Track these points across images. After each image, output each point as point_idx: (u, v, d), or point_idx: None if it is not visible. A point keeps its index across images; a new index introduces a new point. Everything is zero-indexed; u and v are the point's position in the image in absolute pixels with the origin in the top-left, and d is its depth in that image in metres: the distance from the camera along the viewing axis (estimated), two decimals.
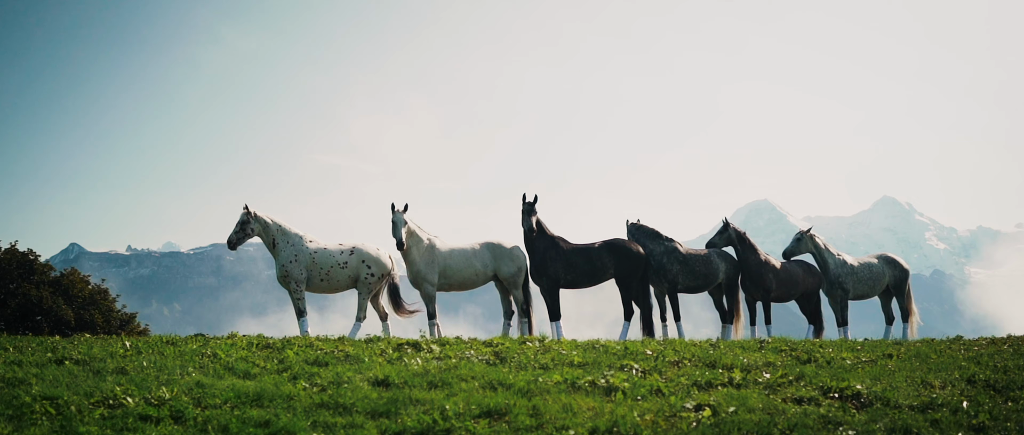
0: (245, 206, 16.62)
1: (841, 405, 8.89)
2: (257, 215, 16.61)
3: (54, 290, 34.20)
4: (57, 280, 34.95)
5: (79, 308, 34.24)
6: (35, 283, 34.00)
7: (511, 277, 17.42)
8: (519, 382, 9.21)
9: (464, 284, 17.40)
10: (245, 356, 10.58)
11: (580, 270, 17.47)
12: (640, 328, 17.83)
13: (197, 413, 7.81)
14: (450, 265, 17.09)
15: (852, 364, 11.48)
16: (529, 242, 17.31)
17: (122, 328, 34.53)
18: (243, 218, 16.60)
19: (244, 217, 16.59)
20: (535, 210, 17.22)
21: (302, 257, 16.58)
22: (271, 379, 9.16)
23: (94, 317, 34.08)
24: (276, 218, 16.78)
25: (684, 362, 11.04)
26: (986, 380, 10.28)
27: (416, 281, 16.96)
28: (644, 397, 8.90)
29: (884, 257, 20.71)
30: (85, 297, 34.98)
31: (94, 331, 32.95)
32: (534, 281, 17.60)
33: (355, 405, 8.21)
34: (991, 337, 16.96)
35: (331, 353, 10.95)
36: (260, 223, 16.65)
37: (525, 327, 17.35)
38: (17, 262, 34.43)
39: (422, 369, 9.82)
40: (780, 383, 9.81)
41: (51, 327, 31.69)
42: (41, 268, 34.89)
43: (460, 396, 8.54)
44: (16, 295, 33.40)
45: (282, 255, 16.58)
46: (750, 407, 8.50)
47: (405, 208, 16.62)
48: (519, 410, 8.13)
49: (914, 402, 9.07)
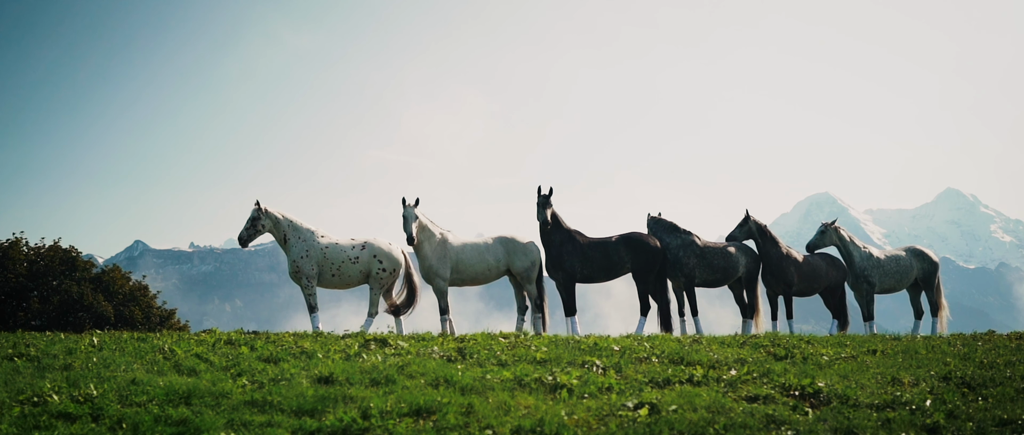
0: (256, 202, 16.59)
1: (795, 404, 8.60)
2: (268, 211, 16.57)
3: (95, 287, 34.74)
4: (98, 277, 35.50)
5: (119, 304, 34.76)
6: (77, 280, 34.58)
7: (524, 272, 17.20)
8: (466, 379, 9.01)
9: (477, 279, 17.22)
10: (201, 353, 10.49)
11: (596, 264, 17.21)
12: (658, 323, 17.54)
13: (118, 411, 7.71)
14: (462, 259, 16.92)
15: (829, 361, 11.13)
16: (545, 235, 17.09)
17: (161, 324, 34.99)
18: (254, 214, 16.57)
19: (255, 213, 16.56)
20: (550, 203, 16.96)
21: (313, 252, 16.52)
22: (212, 377, 9.07)
23: (134, 313, 34.58)
24: (287, 214, 16.73)
25: (652, 358, 10.73)
26: (963, 377, 9.95)
27: (428, 276, 16.82)
28: (591, 395, 8.66)
29: (912, 250, 20.14)
30: (125, 293, 35.50)
31: (134, 327, 33.44)
32: (549, 275, 17.36)
33: (283, 403, 8.07)
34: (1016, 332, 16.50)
35: (288, 349, 10.82)
36: (271, 219, 16.60)
37: (539, 322, 17.14)
38: (60, 259, 35.05)
39: (371, 366, 9.64)
40: (744, 380, 9.52)
41: (92, 323, 32.17)
42: (83, 265, 35.46)
43: (397, 394, 8.36)
44: (58, 292, 34.00)
45: (293, 251, 16.53)
46: (695, 406, 8.24)
47: (417, 202, 16.46)
48: (451, 409, 7.94)
49: (876, 401, 8.76)
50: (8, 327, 28.86)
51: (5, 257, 33.89)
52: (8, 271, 33.67)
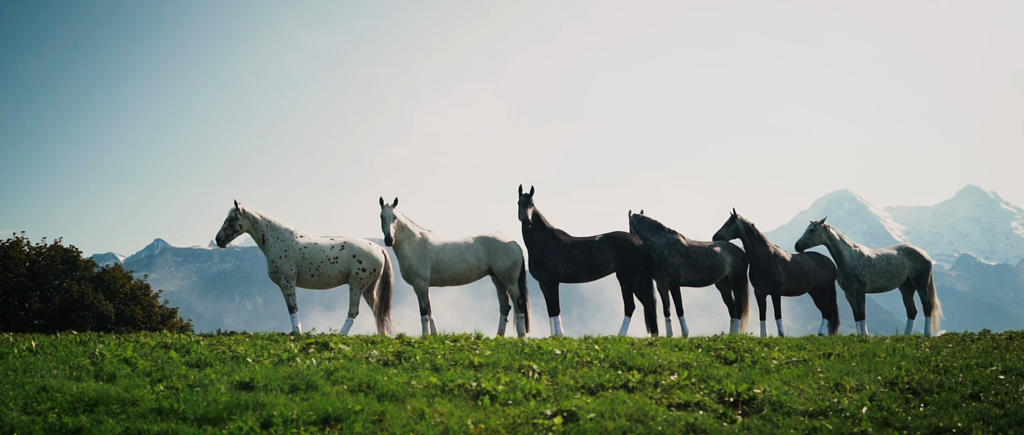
0: (235, 202, 16.48)
1: (725, 411, 8.31)
2: (246, 211, 16.44)
3: (96, 286, 34.69)
4: (99, 276, 35.45)
5: (120, 304, 34.68)
6: (77, 279, 34.54)
7: (506, 272, 17.00)
8: (391, 386, 8.74)
9: (458, 279, 17.05)
10: (129, 357, 10.24)
11: (580, 264, 16.98)
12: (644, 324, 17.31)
13: (14, 420, 7.46)
14: (443, 259, 16.75)
15: (777, 365, 10.78)
16: (527, 235, 16.89)
17: (163, 323, 34.85)
18: (231, 214, 16.45)
19: (232, 213, 16.44)
20: (532, 202, 16.75)
21: (292, 253, 16.38)
22: (128, 383, 8.81)
23: (135, 312, 34.50)
24: (266, 214, 16.60)
25: (595, 363, 10.43)
26: (910, 382, 9.64)
27: (408, 276, 16.67)
28: (515, 402, 8.39)
29: (904, 248, 19.80)
30: (126, 293, 35.41)
31: (135, 326, 33.36)
32: (532, 275, 17.14)
33: (189, 411, 7.83)
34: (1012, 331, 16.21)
35: (221, 354, 10.57)
36: (249, 219, 16.48)
37: (522, 323, 16.95)
38: (60, 259, 35.01)
39: (296, 372, 9.37)
40: (682, 385, 9.25)
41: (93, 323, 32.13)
42: (83, 264, 35.41)
43: (311, 401, 8.10)
44: (59, 291, 33.98)
45: (272, 251, 16.40)
46: (617, 413, 7.97)
47: (395, 202, 16.33)
48: (361, 418, 7.68)
49: (811, 408, 8.46)
50: (10, 327, 28.95)
51: (6, 257, 33.84)
52: (9, 271, 33.64)
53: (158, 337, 12.27)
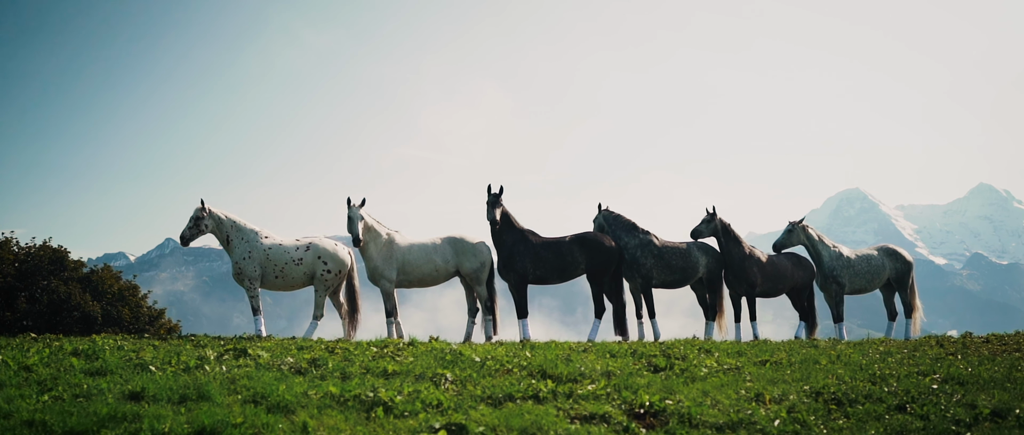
0: (201, 201, 16.25)
1: (629, 424, 7.92)
2: (211, 211, 16.21)
3: (84, 287, 34.49)
4: (87, 276, 35.26)
5: (108, 304, 34.47)
6: (65, 279, 34.36)
7: (473, 273, 16.72)
8: (287, 396, 8.36)
9: (424, 280, 16.78)
10: (31, 364, 9.75)
11: (549, 265, 16.66)
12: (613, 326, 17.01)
13: None
14: (409, 261, 16.47)
15: (707, 372, 10.38)
16: (496, 236, 16.61)
17: (150, 324, 34.72)
18: (197, 214, 16.22)
19: (198, 213, 16.22)
20: (500, 202, 16.46)
21: (256, 254, 16.13)
22: (15, 392, 8.42)
23: (122, 313, 34.31)
24: (230, 214, 16.36)
25: (515, 370, 10.04)
26: (837, 392, 9.22)
27: (374, 277, 16.40)
28: (410, 414, 8.02)
29: (885, 249, 19.37)
30: (114, 293, 35.21)
31: (122, 327, 33.20)
32: (501, 276, 16.83)
33: (56, 424, 7.45)
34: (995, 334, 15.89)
35: (128, 361, 10.19)
36: (214, 219, 16.24)
37: (490, 325, 16.68)
38: (49, 258, 34.83)
39: (194, 380, 8.97)
40: (597, 395, 8.86)
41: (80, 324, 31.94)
42: (72, 265, 35.23)
43: (194, 414, 7.70)
44: (48, 292, 33.78)
45: (236, 252, 16.16)
46: (511, 427, 7.60)
47: (363, 202, 16.07)
48: (239, 431, 7.30)
49: (722, 420, 8.08)
50: None
51: None
52: None
53: (71, 343, 11.89)
